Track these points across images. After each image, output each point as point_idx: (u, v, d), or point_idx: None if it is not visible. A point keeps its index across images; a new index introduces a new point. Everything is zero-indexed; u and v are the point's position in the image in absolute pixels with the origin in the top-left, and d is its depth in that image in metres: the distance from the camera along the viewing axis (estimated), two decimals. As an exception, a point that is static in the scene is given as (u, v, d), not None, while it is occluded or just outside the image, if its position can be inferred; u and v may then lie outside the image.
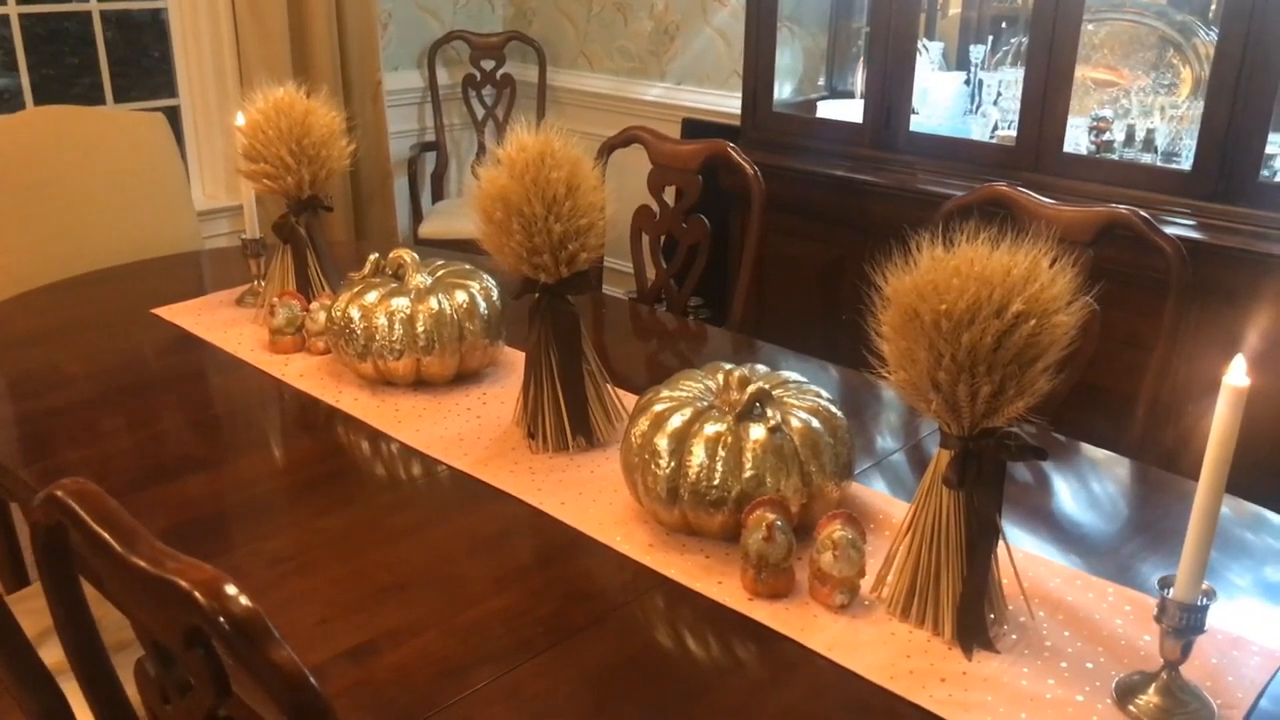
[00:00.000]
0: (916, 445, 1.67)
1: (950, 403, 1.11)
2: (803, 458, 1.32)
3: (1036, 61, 2.62)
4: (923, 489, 1.21)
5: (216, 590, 0.75)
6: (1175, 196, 2.45)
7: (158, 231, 2.58)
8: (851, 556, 1.22)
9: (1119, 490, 1.60)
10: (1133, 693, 1.09)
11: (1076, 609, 1.24)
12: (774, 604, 1.25)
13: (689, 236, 2.29)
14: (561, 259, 1.51)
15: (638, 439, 1.37)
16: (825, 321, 3.13)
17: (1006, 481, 1.19)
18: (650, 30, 3.97)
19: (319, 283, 2.02)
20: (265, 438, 1.72)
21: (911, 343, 1.12)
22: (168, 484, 1.53)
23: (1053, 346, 1.10)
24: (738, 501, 1.30)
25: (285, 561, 1.34)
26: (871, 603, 1.25)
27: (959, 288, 1.09)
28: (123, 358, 1.98)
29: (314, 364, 1.90)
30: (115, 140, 2.57)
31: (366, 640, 1.19)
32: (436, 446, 1.62)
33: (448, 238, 3.76)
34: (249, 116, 1.93)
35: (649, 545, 1.37)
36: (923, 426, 1.73)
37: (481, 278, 1.83)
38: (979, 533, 1.17)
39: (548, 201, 1.49)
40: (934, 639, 1.19)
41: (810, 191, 3.02)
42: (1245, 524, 1.44)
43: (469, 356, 1.78)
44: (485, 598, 1.27)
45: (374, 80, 3.80)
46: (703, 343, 2.18)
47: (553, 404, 1.59)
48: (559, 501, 1.47)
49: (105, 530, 0.82)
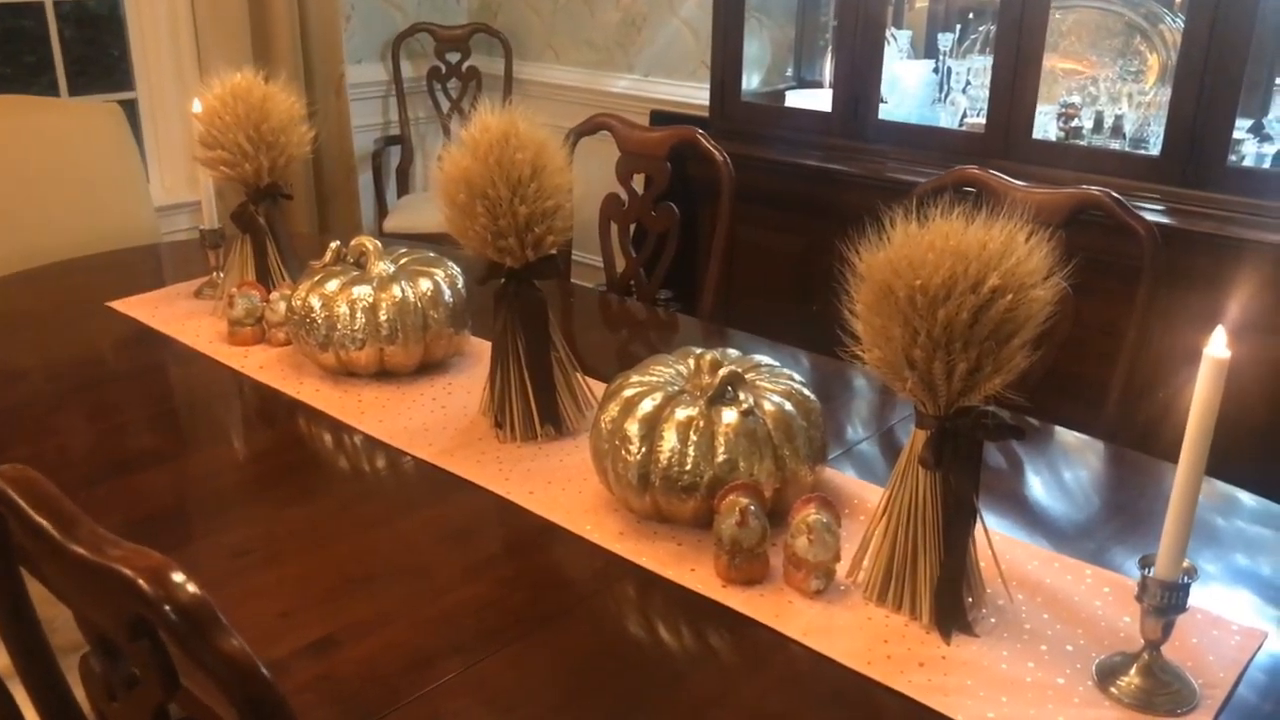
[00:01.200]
0: (888, 432, 1.65)
1: (926, 381, 1.09)
2: (776, 441, 1.29)
3: (1005, 48, 2.61)
4: (898, 470, 1.19)
5: (162, 577, 0.71)
6: (1144, 182, 2.45)
7: (114, 224, 2.52)
8: (826, 541, 1.20)
9: (1094, 473, 1.59)
10: (1114, 674, 1.07)
11: (1055, 591, 1.22)
12: (748, 590, 1.22)
13: (658, 225, 2.26)
14: (527, 242, 1.48)
15: (607, 425, 1.34)
16: (796, 311, 3.10)
17: (982, 465, 1.17)
18: (617, 21, 3.93)
19: (279, 272, 1.97)
20: (225, 431, 1.67)
21: (886, 320, 1.10)
22: (126, 478, 1.48)
23: (1030, 322, 1.07)
24: (710, 487, 1.27)
25: (247, 554, 1.30)
26: (847, 588, 1.23)
27: (934, 263, 1.07)
28: (78, 352, 1.92)
29: (274, 355, 1.85)
30: (69, 131, 2.50)
31: (330, 632, 1.15)
32: (401, 437, 1.58)
33: (413, 231, 3.71)
34: (205, 103, 1.88)
35: (620, 533, 1.33)
36: (894, 413, 1.71)
37: (446, 265, 1.79)
38: (956, 514, 1.14)
39: (512, 183, 1.45)
40: (911, 623, 1.17)
41: (779, 181, 2.99)
42: (1218, 505, 1.43)
43: (434, 346, 1.74)
44: (453, 588, 1.24)
45: (337, 73, 3.75)
46: (673, 332, 2.15)
47: (520, 392, 1.56)
48: (527, 491, 1.43)
49: (43, 517, 0.78)
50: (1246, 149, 2.47)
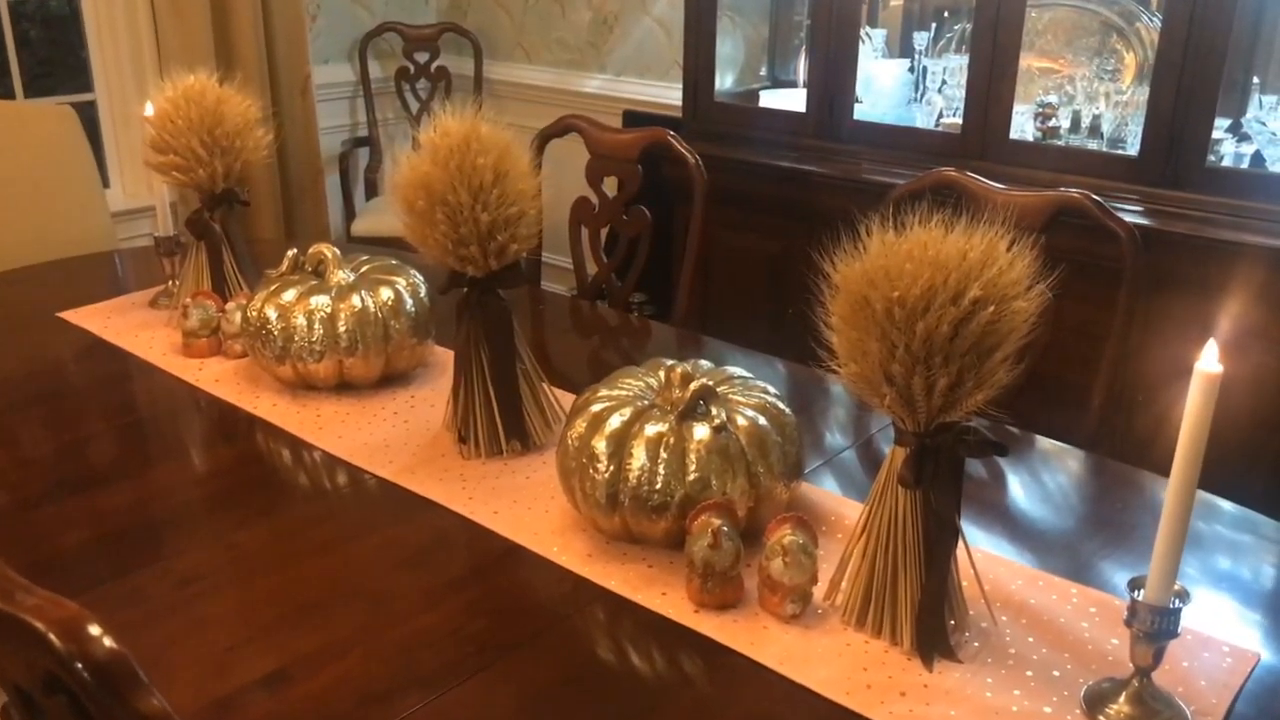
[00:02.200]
0: (868, 442, 1.60)
1: (905, 396, 1.04)
2: (750, 458, 1.24)
3: (981, 47, 2.57)
4: (876, 489, 1.14)
5: (76, 631, 0.65)
6: (1123, 183, 2.41)
7: (67, 231, 2.44)
8: (803, 563, 1.15)
9: (1075, 484, 1.55)
10: (1102, 701, 1.03)
11: (1040, 612, 1.17)
12: (721, 615, 1.17)
13: (630, 229, 2.20)
14: (490, 250, 1.42)
15: (574, 442, 1.28)
16: (771, 316, 3.06)
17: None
18: (589, 21, 3.87)
19: (236, 282, 1.91)
20: (178, 448, 1.60)
21: (862, 333, 1.04)
22: (73, 498, 1.42)
23: (1012, 334, 1.03)
24: (681, 506, 1.21)
25: (195, 581, 1.23)
26: (825, 611, 1.18)
27: (912, 273, 1.02)
28: (26, 365, 1.85)
29: (230, 368, 1.78)
30: (19, 134, 2.42)
31: (280, 666, 1.09)
32: (361, 454, 1.51)
33: (382, 235, 3.63)
34: (157, 106, 1.81)
35: (588, 555, 1.28)
36: (873, 422, 1.66)
37: (409, 273, 1.73)
38: (937, 534, 1.10)
39: (474, 189, 1.39)
40: (892, 649, 1.12)
41: (754, 183, 2.94)
42: (1198, 511, 1.38)
43: (395, 357, 1.68)
44: (412, 615, 1.18)
45: (303, 74, 3.67)
46: (646, 339, 2.09)
47: (485, 406, 1.50)
48: (492, 510, 1.37)
49: (-47, 561, 0.72)
50: (1225, 149, 2.44)
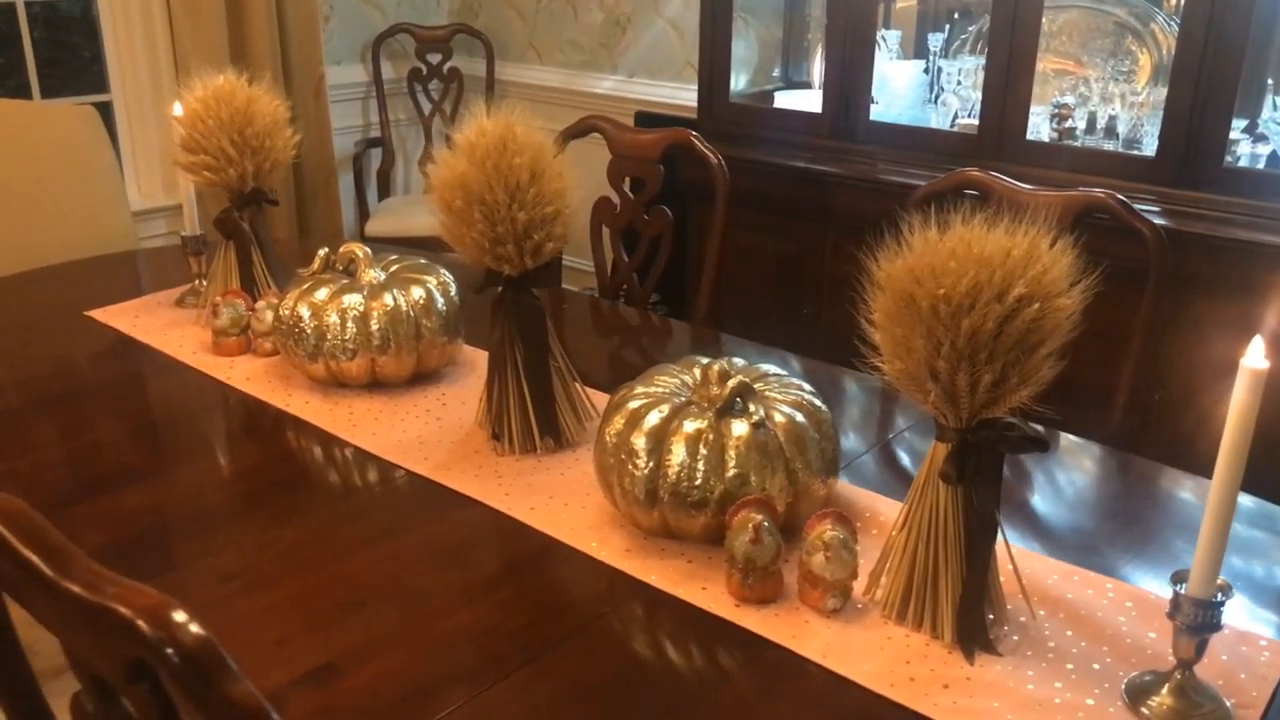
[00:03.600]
0: (888, 444, 1.61)
1: (949, 393, 1.05)
2: (788, 454, 1.25)
3: (998, 48, 2.58)
4: (917, 484, 1.15)
5: (162, 617, 0.66)
6: (1139, 183, 2.43)
7: (90, 231, 2.45)
8: (844, 558, 1.16)
9: (1103, 481, 1.56)
10: (1145, 694, 1.04)
11: (1077, 607, 1.18)
12: (762, 610, 1.18)
13: (651, 229, 2.22)
14: (526, 249, 1.43)
15: (612, 438, 1.29)
16: (784, 316, 3.07)
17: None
18: (601, 22, 3.89)
19: (264, 280, 1.92)
20: (210, 445, 1.62)
21: (907, 330, 1.06)
22: (105, 497, 1.43)
23: (1056, 331, 1.04)
24: (721, 502, 1.23)
25: (235, 578, 1.25)
26: (865, 606, 1.19)
27: (957, 271, 1.03)
28: (55, 363, 1.86)
29: (261, 366, 1.79)
30: (43, 135, 2.43)
31: (327, 661, 1.10)
32: (394, 451, 1.52)
33: (395, 235, 3.65)
34: (187, 106, 1.82)
35: (626, 550, 1.29)
36: (895, 422, 1.67)
37: (438, 272, 1.74)
38: (979, 529, 1.11)
39: (511, 189, 1.40)
40: (933, 643, 1.13)
41: (768, 183, 2.95)
42: (1237, 513, 1.39)
43: (426, 355, 1.69)
44: (452, 612, 1.19)
45: (316, 74, 3.68)
46: (667, 338, 2.10)
47: (519, 404, 1.51)
48: (528, 507, 1.39)
49: (33, 552, 0.73)
50: (1241, 149, 2.45)
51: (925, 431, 1.63)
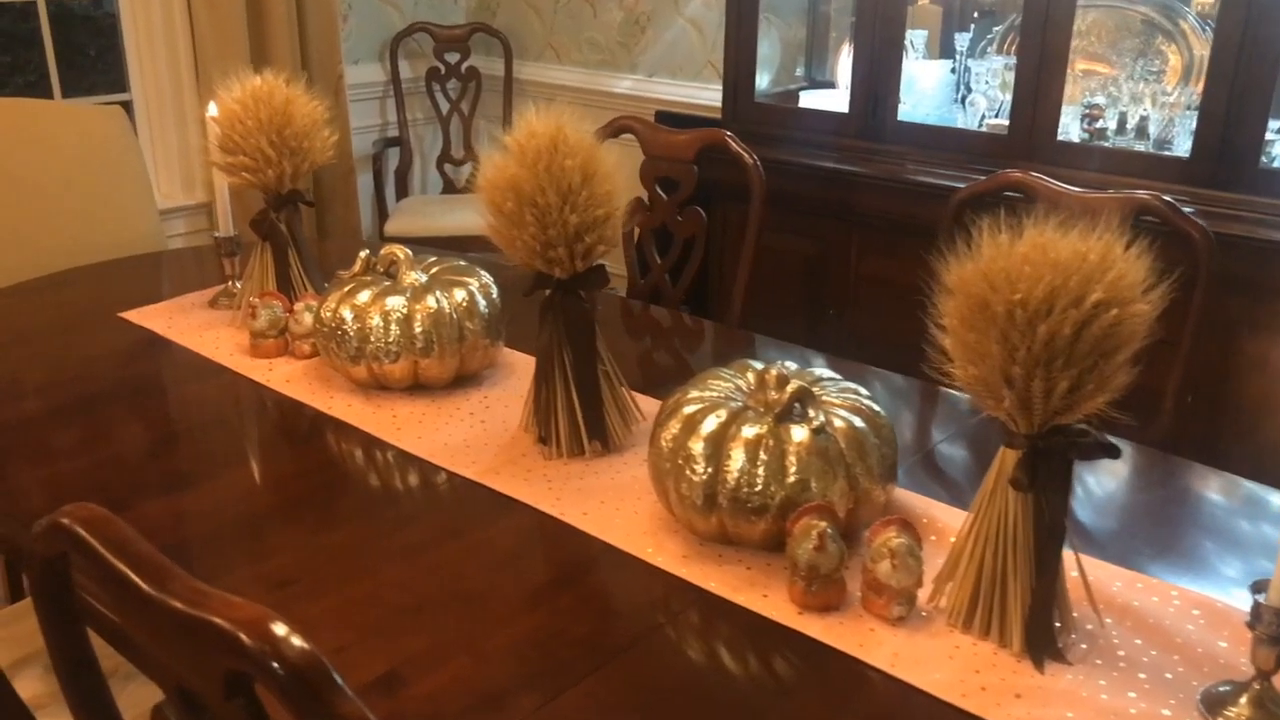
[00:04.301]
0: (946, 441, 1.60)
1: (1023, 399, 1.04)
2: (849, 460, 1.24)
3: (1029, 47, 2.57)
4: (985, 491, 1.14)
5: (264, 631, 0.65)
6: (1173, 184, 2.41)
7: (118, 232, 2.44)
8: (910, 565, 1.15)
9: (1157, 485, 1.55)
10: (1222, 704, 1.03)
11: (1144, 615, 1.17)
12: (826, 618, 1.17)
13: (685, 230, 2.20)
14: (577, 252, 1.42)
15: (668, 443, 1.28)
16: (809, 316, 3.06)
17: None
18: (620, 21, 3.87)
19: (301, 282, 1.90)
20: (253, 448, 1.61)
21: (981, 335, 1.04)
22: (151, 501, 1.42)
23: (1133, 337, 1.03)
24: (781, 508, 1.21)
25: (289, 584, 1.23)
26: (929, 614, 1.18)
27: (1032, 275, 1.02)
28: (90, 365, 1.85)
29: (299, 368, 1.78)
30: (71, 135, 2.42)
31: (390, 669, 1.09)
32: (441, 455, 1.51)
33: (415, 235, 3.63)
34: (225, 106, 1.81)
35: (683, 556, 1.28)
36: (940, 424, 1.66)
37: (479, 274, 1.73)
38: (1049, 537, 1.10)
39: (563, 191, 1.39)
40: (1001, 651, 1.12)
41: (793, 183, 2.94)
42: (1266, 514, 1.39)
43: (469, 358, 1.68)
44: (514, 617, 1.18)
45: (336, 73, 3.67)
46: (699, 340, 2.09)
47: (566, 407, 1.50)
48: (580, 511, 1.37)
49: (125, 564, 0.72)
50: (1277, 150, 2.43)
51: (971, 436, 1.62)
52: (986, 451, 1.58)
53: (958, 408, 1.73)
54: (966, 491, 1.46)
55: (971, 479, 1.51)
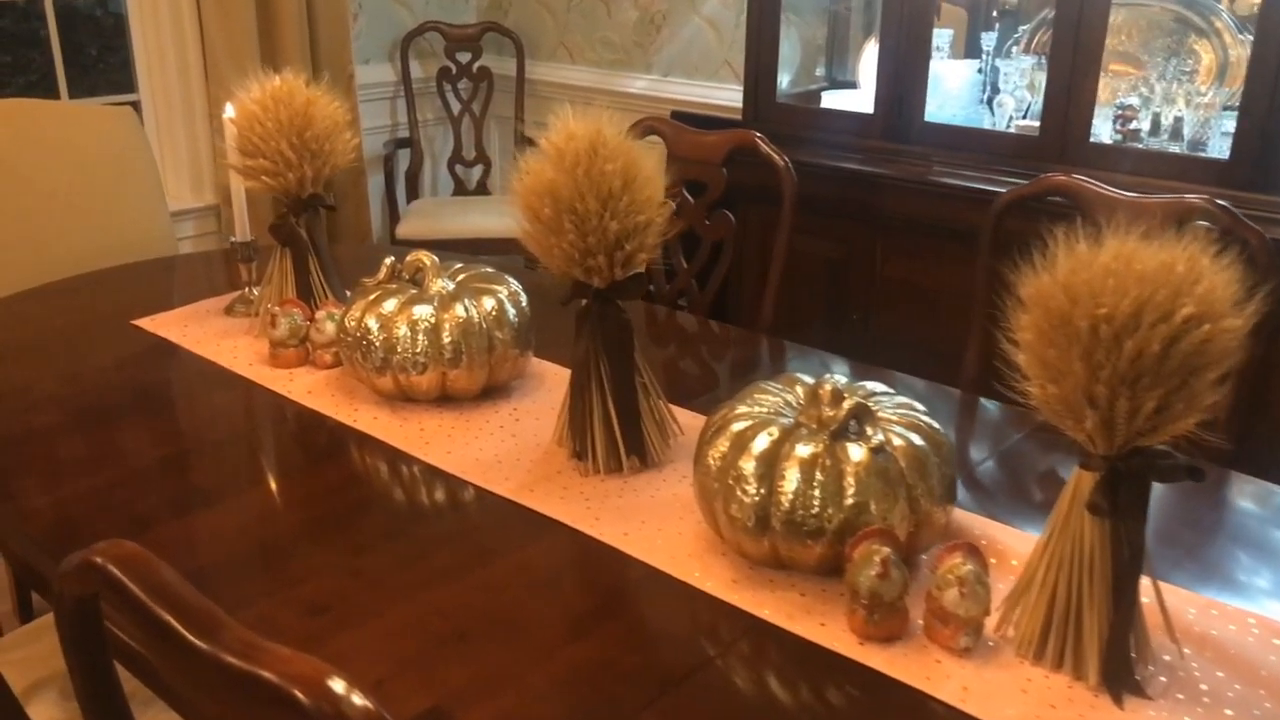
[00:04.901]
0: (998, 456, 1.54)
1: (1106, 420, 0.98)
2: (909, 480, 1.18)
3: (1062, 47, 2.50)
4: (1058, 515, 1.08)
5: (322, 688, 0.59)
6: (1211, 187, 2.35)
7: (129, 235, 2.38)
8: (978, 593, 1.09)
9: (1218, 502, 1.48)
10: (1317, 744, 0.97)
11: (1222, 644, 1.11)
12: (888, 648, 1.11)
13: (713, 234, 2.14)
14: (617, 260, 1.36)
15: (716, 462, 1.22)
16: (832, 321, 3.00)
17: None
18: (635, 20, 3.81)
19: (322, 289, 1.84)
20: (277, 463, 1.54)
21: (1062, 352, 0.98)
22: (172, 521, 1.35)
23: (1224, 355, 0.97)
24: (839, 532, 1.15)
25: (324, 611, 1.17)
26: (996, 643, 1.11)
27: (1116, 288, 0.96)
28: (105, 376, 1.79)
29: (321, 379, 1.72)
30: (81, 136, 2.36)
31: (434, 704, 1.03)
32: (473, 471, 1.45)
33: (427, 238, 3.57)
34: (243, 107, 1.75)
35: (733, 581, 1.22)
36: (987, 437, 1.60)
37: (508, 282, 1.67)
38: (1129, 564, 1.04)
39: (602, 197, 1.33)
40: (1075, 684, 1.06)
41: (816, 185, 2.87)
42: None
43: (498, 369, 1.62)
44: (560, 646, 1.12)
45: (346, 73, 3.61)
46: (728, 347, 2.03)
47: (603, 421, 1.44)
48: (621, 532, 1.31)
49: (168, 611, 0.66)
50: (1317, 152, 2.37)
51: (1019, 448, 1.56)
52: (1037, 465, 1.54)
53: (998, 418, 1.67)
54: (1022, 509, 1.40)
55: (1026, 495, 1.45)
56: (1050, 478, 1.49)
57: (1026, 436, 1.59)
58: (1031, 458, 1.55)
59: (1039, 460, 1.55)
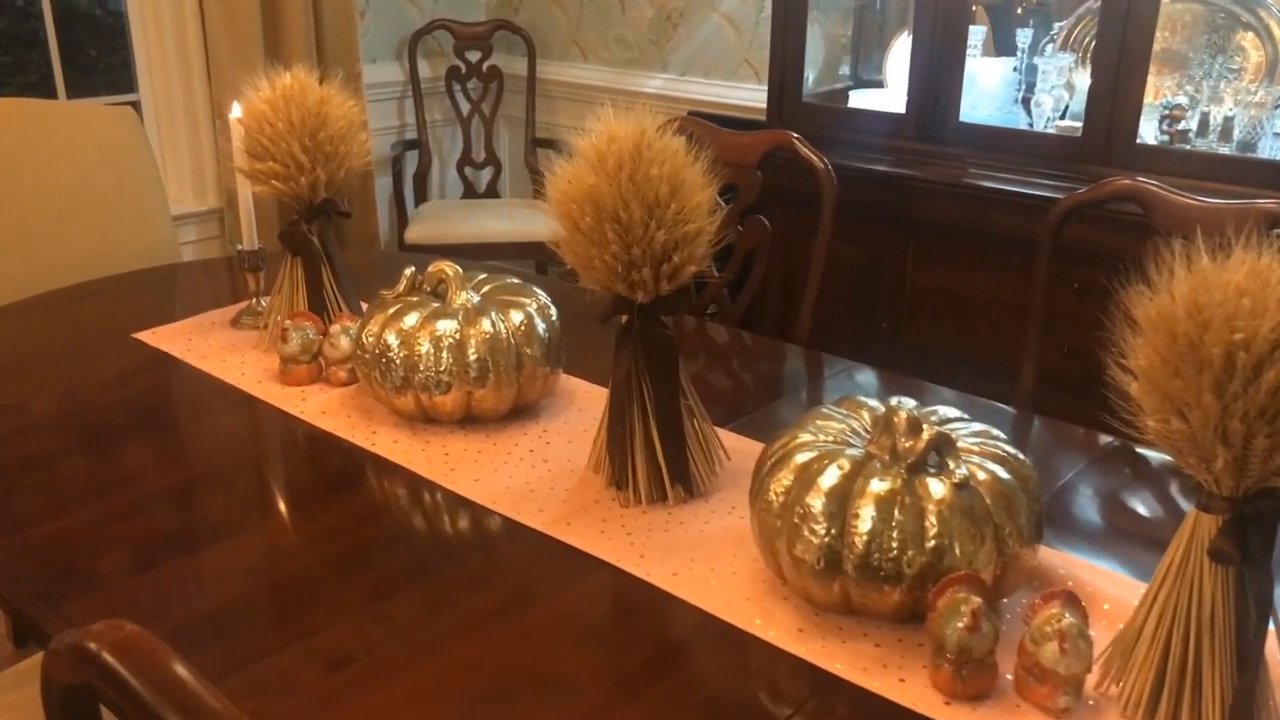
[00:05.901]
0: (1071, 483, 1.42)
1: (1239, 459, 0.86)
2: (996, 520, 1.06)
3: (1108, 45, 2.39)
4: (1170, 560, 0.96)
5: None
6: (1264, 190, 2.23)
7: (130, 240, 2.27)
8: (1081, 648, 0.97)
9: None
10: None
11: (1351, 703, 1.00)
12: (977, 708, 0.99)
13: (747, 240, 2.03)
14: (663, 273, 1.24)
15: (779, 496, 1.10)
16: (860, 329, 2.88)
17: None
18: (650, 17, 3.70)
19: (335, 302, 1.73)
20: (289, 492, 1.43)
21: (1190, 383, 0.87)
22: (188, 557, 1.24)
23: (1374, 385, 0.85)
24: (919, 576, 1.04)
25: (347, 665, 1.06)
26: (1097, 701, 1.00)
27: (1252, 311, 0.84)
28: (103, 393, 1.67)
29: (336, 398, 1.61)
30: (80, 138, 2.24)
31: (473, 779, 0.91)
32: (503, 501, 1.34)
33: (437, 243, 3.47)
34: (252, 107, 1.63)
35: (799, 630, 1.10)
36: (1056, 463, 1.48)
37: (536, 294, 1.56)
38: (1257, 618, 0.92)
39: (649, 204, 1.21)
40: (1193, 752, 0.94)
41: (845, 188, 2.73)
42: None
43: (527, 387, 1.51)
44: (613, 707, 1.00)
45: (353, 73, 3.49)
46: (762, 360, 1.92)
47: (645, 447, 1.32)
48: (669, 572, 1.20)
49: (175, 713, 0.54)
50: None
51: (1094, 474, 1.45)
52: (1116, 492, 1.42)
53: (1059, 439, 1.55)
54: (1107, 544, 1.29)
55: (1107, 527, 1.34)
56: (1130, 507, 1.38)
57: (1096, 460, 1.48)
58: (1107, 484, 1.44)
59: (1115, 486, 1.43)
